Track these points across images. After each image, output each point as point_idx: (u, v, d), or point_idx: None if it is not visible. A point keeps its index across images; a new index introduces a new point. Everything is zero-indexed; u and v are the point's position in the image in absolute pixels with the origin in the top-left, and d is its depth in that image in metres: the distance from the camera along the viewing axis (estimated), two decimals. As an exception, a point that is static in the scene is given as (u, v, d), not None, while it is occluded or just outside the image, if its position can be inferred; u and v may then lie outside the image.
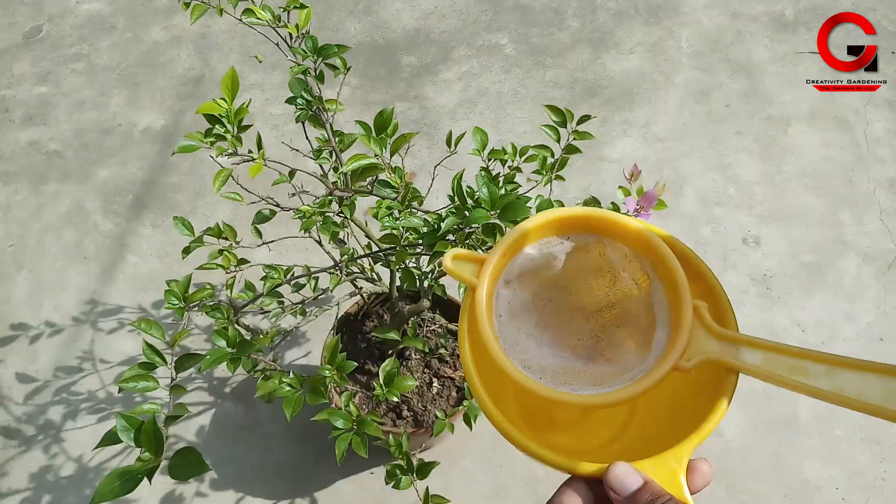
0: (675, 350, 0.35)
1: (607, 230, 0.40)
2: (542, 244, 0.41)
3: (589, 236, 0.41)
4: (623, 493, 0.33)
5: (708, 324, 0.36)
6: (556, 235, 0.41)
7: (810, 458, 1.21)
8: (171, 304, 0.83)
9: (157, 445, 0.54)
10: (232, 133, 0.75)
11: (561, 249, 0.41)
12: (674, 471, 0.34)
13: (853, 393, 0.32)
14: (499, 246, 0.39)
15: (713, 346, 0.36)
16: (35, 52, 1.93)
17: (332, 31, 1.92)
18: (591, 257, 0.41)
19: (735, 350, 0.35)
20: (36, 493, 1.24)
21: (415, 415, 1.15)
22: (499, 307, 0.40)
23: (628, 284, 0.40)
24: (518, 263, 0.40)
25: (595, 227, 0.40)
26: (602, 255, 0.41)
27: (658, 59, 1.81)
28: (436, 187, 1.52)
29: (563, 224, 0.40)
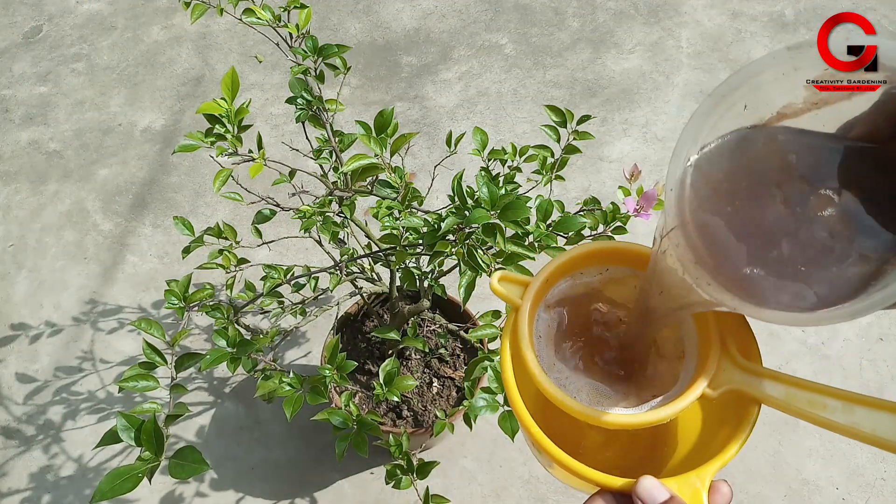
0: (703, 379, 0.38)
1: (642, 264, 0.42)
2: (583, 273, 0.44)
3: (626, 269, 0.43)
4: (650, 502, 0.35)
5: (734, 356, 0.38)
6: (595, 266, 0.43)
7: (810, 458, 1.21)
8: (171, 303, 0.83)
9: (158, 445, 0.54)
10: (232, 133, 0.75)
11: (599, 280, 0.44)
12: (697, 490, 0.36)
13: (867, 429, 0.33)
14: (543, 271, 0.42)
15: (738, 377, 0.38)
16: (35, 51, 1.93)
17: (332, 31, 1.92)
18: (626, 289, 0.44)
19: (759, 382, 0.37)
20: (36, 493, 1.24)
21: (415, 415, 1.15)
22: (539, 329, 0.43)
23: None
24: (559, 289, 0.43)
25: (632, 261, 0.43)
26: (637, 288, 0.43)
27: (658, 59, 1.81)
28: (436, 187, 1.53)
29: (603, 256, 0.43)
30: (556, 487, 1.20)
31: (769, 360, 1.31)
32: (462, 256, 0.70)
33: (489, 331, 0.81)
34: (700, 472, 0.37)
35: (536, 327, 0.42)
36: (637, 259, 0.42)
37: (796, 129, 0.32)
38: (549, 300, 0.43)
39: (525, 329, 0.40)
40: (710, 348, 0.39)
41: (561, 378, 0.41)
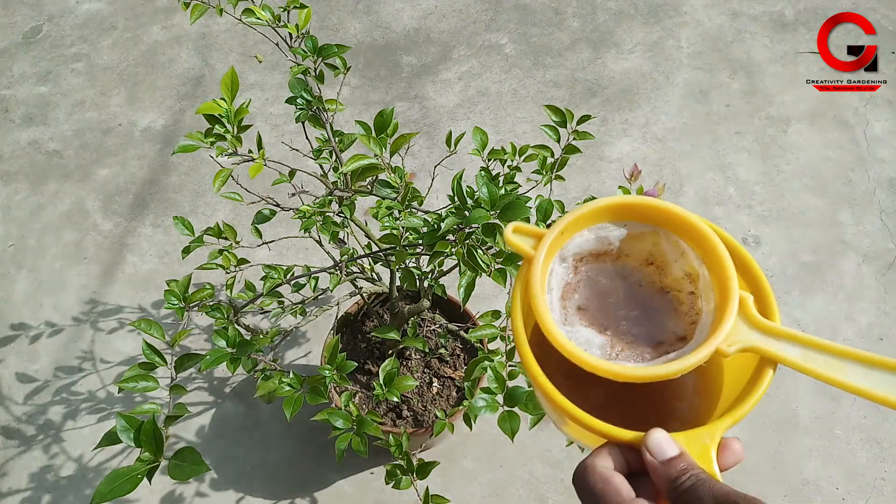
0: (719, 335, 0.37)
1: (663, 220, 0.41)
2: (600, 228, 0.42)
3: (644, 225, 0.42)
4: (660, 457, 0.34)
5: (752, 315, 0.38)
6: (612, 221, 0.42)
7: (810, 458, 1.21)
8: (171, 304, 0.83)
9: (157, 445, 0.54)
10: (232, 133, 0.75)
11: (617, 236, 0.42)
12: (706, 446, 0.35)
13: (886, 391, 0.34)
14: (559, 223, 0.41)
15: (755, 336, 0.37)
16: (35, 51, 1.93)
17: (332, 30, 1.92)
18: (645, 246, 0.43)
19: (776, 342, 0.37)
20: (36, 493, 1.24)
21: (415, 415, 1.15)
22: (552, 282, 0.42)
23: (679, 274, 0.42)
24: (575, 243, 0.42)
25: (652, 217, 0.42)
26: (656, 245, 0.43)
27: (658, 59, 1.81)
28: (436, 187, 1.52)
29: (621, 210, 0.42)
30: (556, 487, 1.20)
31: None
32: (462, 256, 0.70)
33: (489, 331, 0.81)
34: (710, 428, 0.36)
35: (550, 280, 0.41)
36: (656, 214, 0.41)
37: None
38: (564, 253, 0.42)
39: (538, 281, 0.39)
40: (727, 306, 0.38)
41: (572, 332, 0.40)
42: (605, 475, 0.34)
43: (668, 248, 0.42)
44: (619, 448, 0.36)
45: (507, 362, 0.80)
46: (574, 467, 0.36)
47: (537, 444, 1.23)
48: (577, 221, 0.41)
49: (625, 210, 0.42)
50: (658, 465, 0.34)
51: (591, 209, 0.41)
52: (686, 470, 0.33)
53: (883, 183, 1.55)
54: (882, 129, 1.64)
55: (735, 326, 0.37)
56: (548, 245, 0.40)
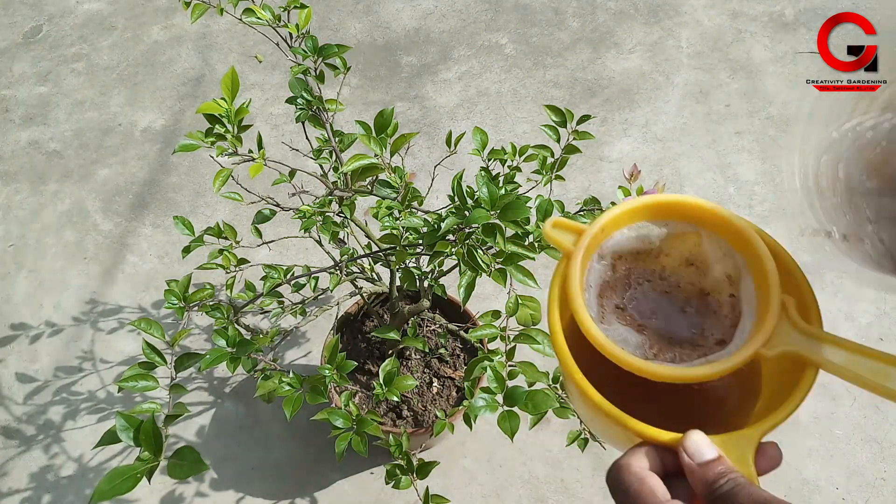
0: (760, 337, 0.36)
1: (705, 221, 0.41)
2: (640, 227, 0.42)
3: (686, 225, 0.41)
4: (698, 458, 0.34)
5: (794, 318, 0.37)
6: (653, 220, 0.42)
7: (810, 458, 1.21)
8: (171, 303, 0.83)
9: (157, 445, 0.54)
10: (232, 133, 0.75)
11: (657, 234, 0.42)
12: (744, 450, 0.35)
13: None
14: (599, 220, 0.40)
15: (797, 339, 0.36)
16: (35, 51, 1.93)
17: (332, 30, 1.92)
18: (685, 246, 0.42)
19: (818, 346, 0.36)
20: (36, 493, 1.24)
21: (415, 414, 1.15)
22: (590, 279, 0.41)
23: (719, 275, 0.41)
24: (614, 241, 0.42)
25: (693, 217, 0.41)
26: (697, 246, 0.42)
27: (658, 59, 1.81)
28: (436, 187, 1.52)
29: (663, 209, 0.41)
30: (557, 487, 1.20)
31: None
32: (462, 256, 0.70)
33: (489, 331, 0.81)
34: (748, 432, 0.35)
35: (588, 277, 0.41)
36: (698, 214, 0.41)
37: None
38: (603, 250, 0.42)
39: (576, 278, 0.39)
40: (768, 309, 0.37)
41: (609, 330, 0.39)
42: (640, 475, 0.34)
43: (709, 250, 0.41)
44: (654, 448, 0.36)
45: (507, 362, 0.80)
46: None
47: (537, 444, 1.23)
48: (618, 218, 0.41)
49: (667, 209, 0.41)
50: (696, 467, 0.34)
51: (632, 206, 0.41)
52: (724, 473, 0.33)
53: (883, 183, 1.55)
54: (882, 129, 1.64)
55: (777, 329, 0.37)
56: (588, 241, 0.40)
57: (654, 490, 0.33)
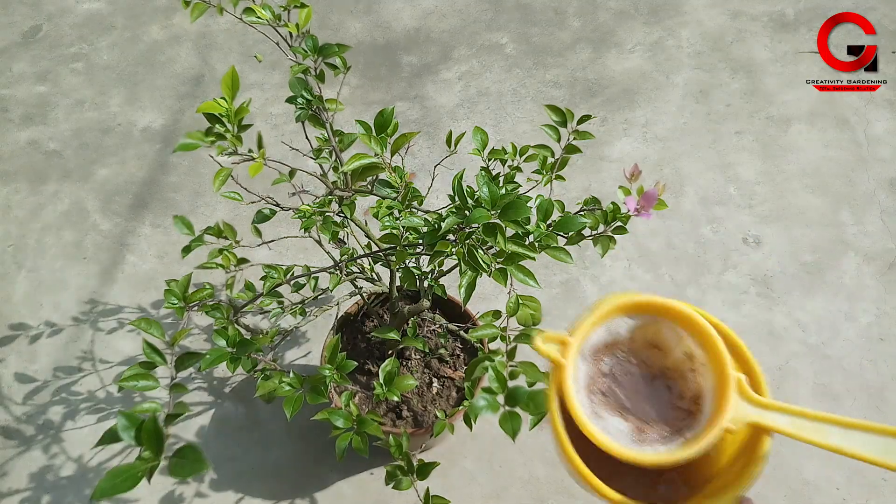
0: (723, 415, 0.43)
1: (663, 313, 0.49)
2: (610, 324, 0.50)
3: (648, 317, 0.50)
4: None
5: (747, 392, 0.44)
6: (622, 316, 0.50)
7: (810, 459, 1.21)
8: (171, 303, 0.83)
9: (158, 444, 0.54)
10: (232, 132, 0.75)
11: (626, 327, 0.51)
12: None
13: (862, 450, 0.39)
14: (580, 330, 0.49)
15: (752, 411, 0.44)
16: (34, 51, 1.93)
17: (333, 30, 1.92)
18: (647, 333, 0.51)
19: (769, 414, 0.43)
20: (36, 493, 1.24)
21: (415, 415, 1.15)
22: (578, 379, 0.49)
23: (679, 355, 0.49)
24: (592, 340, 0.50)
25: (654, 311, 0.49)
26: (657, 333, 0.50)
27: (659, 59, 1.81)
28: (436, 187, 1.52)
29: (628, 307, 0.50)
30: (557, 488, 1.20)
31: (770, 359, 1.31)
32: (462, 256, 0.70)
33: (489, 331, 0.81)
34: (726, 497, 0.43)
35: (577, 379, 0.49)
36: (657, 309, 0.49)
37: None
38: (584, 351, 0.50)
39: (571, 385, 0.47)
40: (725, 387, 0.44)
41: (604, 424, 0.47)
42: None
43: (669, 335, 0.50)
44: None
45: (508, 362, 0.80)
46: None
47: (537, 445, 1.23)
48: (595, 322, 0.49)
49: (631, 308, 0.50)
50: None
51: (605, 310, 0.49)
52: None
53: (883, 183, 1.55)
54: (882, 129, 1.64)
55: (734, 405, 0.44)
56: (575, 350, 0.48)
57: None
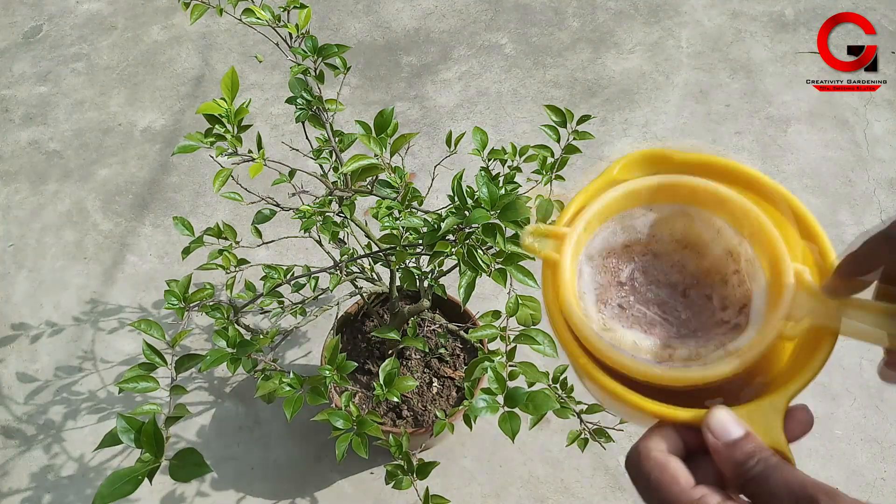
0: (776, 318, 0.33)
1: (695, 199, 0.37)
2: (624, 217, 0.38)
3: (674, 206, 0.38)
4: (724, 438, 0.31)
5: (812, 288, 0.34)
6: (638, 207, 0.38)
7: (810, 459, 1.21)
8: (171, 304, 0.83)
9: (158, 446, 0.54)
10: (232, 133, 0.75)
11: (644, 222, 0.38)
12: (771, 420, 0.32)
13: None
14: (580, 220, 0.37)
15: (818, 311, 0.33)
16: (35, 51, 1.93)
17: (332, 30, 1.92)
18: (676, 228, 0.38)
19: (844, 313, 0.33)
20: (36, 493, 1.24)
21: (415, 415, 1.15)
22: (582, 285, 0.38)
23: (718, 254, 0.38)
24: (600, 238, 0.38)
25: (681, 197, 0.37)
26: (688, 226, 0.38)
27: (658, 59, 1.81)
28: (436, 187, 1.52)
29: (645, 194, 0.38)
30: (556, 487, 1.20)
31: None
32: (462, 256, 0.70)
33: (489, 331, 0.81)
34: (774, 399, 0.32)
35: (580, 284, 0.37)
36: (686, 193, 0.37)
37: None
38: (590, 251, 0.38)
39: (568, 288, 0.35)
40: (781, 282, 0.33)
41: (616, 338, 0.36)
42: (660, 461, 0.31)
43: (702, 228, 0.38)
44: (674, 428, 0.33)
45: (508, 363, 0.80)
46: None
47: (537, 444, 1.23)
48: (600, 213, 0.37)
49: (648, 192, 0.37)
50: (722, 447, 0.31)
51: (613, 197, 0.37)
52: (754, 453, 0.30)
53: (883, 183, 1.55)
54: (882, 129, 1.64)
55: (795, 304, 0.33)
56: (573, 245, 0.36)
57: (676, 477, 0.30)
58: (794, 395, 0.33)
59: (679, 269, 0.39)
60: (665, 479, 0.30)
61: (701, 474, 0.31)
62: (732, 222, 0.37)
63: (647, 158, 0.38)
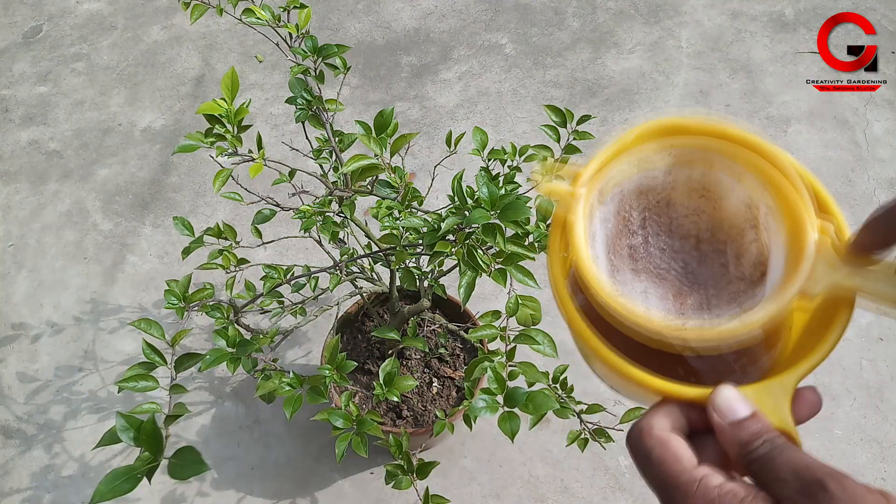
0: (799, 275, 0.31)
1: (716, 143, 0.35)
2: (641, 158, 0.36)
3: (692, 151, 0.35)
4: (729, 417, 0.30)
5: (836, 247, 0.31)
6: (656, 149, 0.36)
7: (810, 458, 1.21)
8: (171, 303, 0.83)
9: (157, 445, 0.54)
10: (232, 133, 0.75)
11: (661, 166, 0.36)
12: (779, 400, 0.31)
13: None
14: (597, 156, 0.35)
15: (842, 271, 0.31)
16: (35, 51, 1.93)
17: (332, 30, 1.92)
18: (693, 174, 0.36)
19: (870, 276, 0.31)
20: (37, 493, 1.24)
21: (415, 415, 1.15)
22: (594, 228, 0.35)
23: (737, 205, 0.36)
24: (615, 180, 0.36)
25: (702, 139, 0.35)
26: (707, 173, 0.36)
27: (658, 59, 1.81)
28: (436, 187, 1.52)
29: (665, 133, 0.35)
30: (556, 487, 1.20)
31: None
32: (462, 256, 0.70)
33: (489, 331, 0.81)
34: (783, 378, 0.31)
35: (592, 226, 0.35)
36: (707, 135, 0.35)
37: None
38: (603, 191, 0.35)
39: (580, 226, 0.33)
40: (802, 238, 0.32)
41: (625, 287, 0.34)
42: (662, 438, 0.30)
43: (720, 176, 0.36)
44: (679, 405, 0.32)
45: (508, 363, 0.80)
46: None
47: (537, 444, 1.23)
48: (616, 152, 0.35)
49: (670, 133, 0.35)
50: (726, 426, 0.30)
51: (630, 137, 0.35)
52: (759, 433, 0.29)
53: (883, 183, 1.55)
54: (882, 129, 1.64)
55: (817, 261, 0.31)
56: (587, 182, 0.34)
57: (678, 455, 0.29)
58: (804, 376, 0.32)
59: (694, 218, 0.37)
60: (667, 457, 0.29)
61: (704, 454, 0.30)
62: (754, 172, 0.35)
63: (663, 128, 0.36)
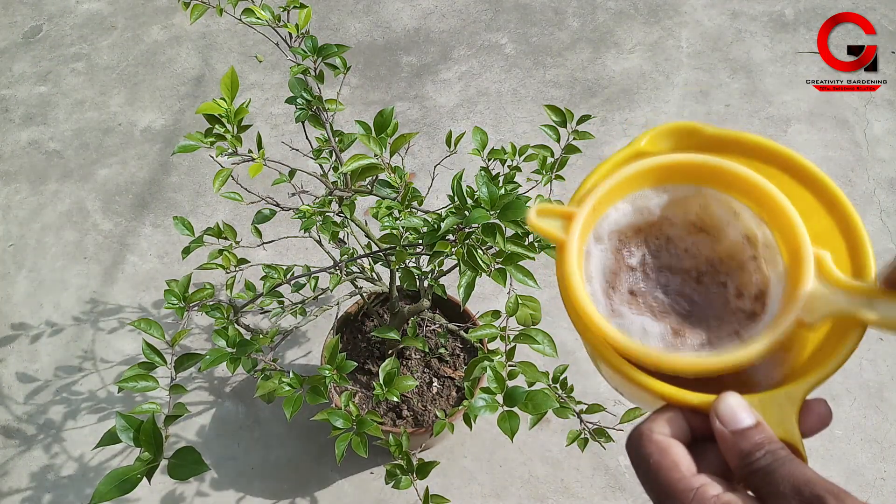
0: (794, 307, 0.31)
1: (707, 178, 0.36)
2: (636, 197, 0.36)
3: (687, 187, 0.36)
4: (732, 425, 0.29)
5: (833, 275, 0.31)
6: (650, 188, 0.36)
7: (810, 459, 1.21)
8: (171, 303, 0.83)
9: (157, 445, 0.54)
10: (232, 133, 0.75)
11: (656, 203, 0.37)
12: (785, 411, 0.30)
13: None
14: (589, 199, 0.35)
15: (841, 299, 0.31)
16: (35, 51, 1.93)
17: (332, 30, 1.92)
18: (690, 209, 0.37)
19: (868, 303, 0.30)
20: (36, 493, 1.24)
21: (415, 414, 1.15)
22: (591, 268, 0.36)
23: (734, 238, 0.36)
24: (610, 219, 0.37)
25: (696, 177, 0.36)
26: (703, 208, 0.37)
27: (658, 59, 1.81)
28: (436, 187, 1.52)
29: (657, 173, 0.36)
30: (556, 487, 1.20)
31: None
32: (462, 256, 0.70)
33: (489, 331, 0.81)
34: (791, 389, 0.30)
35: (588, 266, 0.36)
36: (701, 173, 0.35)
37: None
38: (599, 232, 0.36)
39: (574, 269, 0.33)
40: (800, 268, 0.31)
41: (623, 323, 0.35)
42: (662, 444, 0.30)
43: (718, 210, 0.36)
44: (681, 412, 0.31)
45: (507, 362, 0.80)
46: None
47: (537, 444, 1.23)
48: (610, 193, 0.35)
49: (662, 172, 0.36)
50: (728, 435, 0.29)
51: (625, 177, 0.35)
52: (762, 444, 0.29)
53: (883, 183, 1.55)
54: (882, 129, 1.64)
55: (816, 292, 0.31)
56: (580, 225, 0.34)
57: (677, 462, 0.29)
58: (813, 387, 0.31)
59: (693, 253, 0.37)
60: (665, 464, 0.29)
61: (705, 463, 0.30)
62: (751, 205, 0.35)
63: (676, 131, 0.36)
